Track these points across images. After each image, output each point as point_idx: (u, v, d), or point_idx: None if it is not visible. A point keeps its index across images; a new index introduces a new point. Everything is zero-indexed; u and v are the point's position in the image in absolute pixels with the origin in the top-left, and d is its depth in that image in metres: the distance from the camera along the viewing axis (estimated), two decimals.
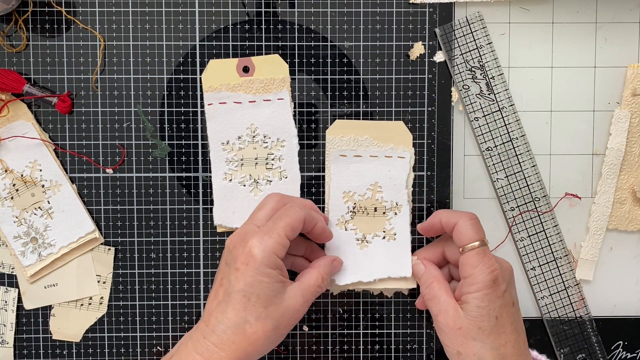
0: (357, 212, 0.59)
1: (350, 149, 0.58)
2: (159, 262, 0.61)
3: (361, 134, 0.59)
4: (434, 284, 0.54)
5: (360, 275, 0.58)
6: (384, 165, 0.59)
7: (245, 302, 0.48)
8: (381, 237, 0.59)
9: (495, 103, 0.61)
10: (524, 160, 0.61)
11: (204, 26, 0.60)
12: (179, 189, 0.61)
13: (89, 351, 0.62)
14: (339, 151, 0.58)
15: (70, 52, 0.60)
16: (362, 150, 0.58)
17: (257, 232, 0.50)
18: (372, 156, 0.58)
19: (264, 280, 0.48)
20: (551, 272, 0.61)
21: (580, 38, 0.61)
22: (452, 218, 0.53)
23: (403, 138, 0.59)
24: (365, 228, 0.59)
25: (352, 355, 0.62)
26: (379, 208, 0.59)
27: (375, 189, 0.59)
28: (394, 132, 0.59)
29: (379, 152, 0.58)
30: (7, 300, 0.61)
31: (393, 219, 0.59)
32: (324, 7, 0.60)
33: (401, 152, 0.59)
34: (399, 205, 0.59)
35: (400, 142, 0.59)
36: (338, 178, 0.59)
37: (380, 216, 0.59)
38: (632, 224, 0.62)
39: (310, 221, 0.53)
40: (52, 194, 0.60)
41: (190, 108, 0.60)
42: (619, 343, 0.63)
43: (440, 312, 0.52)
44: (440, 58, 0.60)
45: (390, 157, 0.59)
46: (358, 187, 0.59)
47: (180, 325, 0.62)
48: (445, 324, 0.52)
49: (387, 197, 0.59)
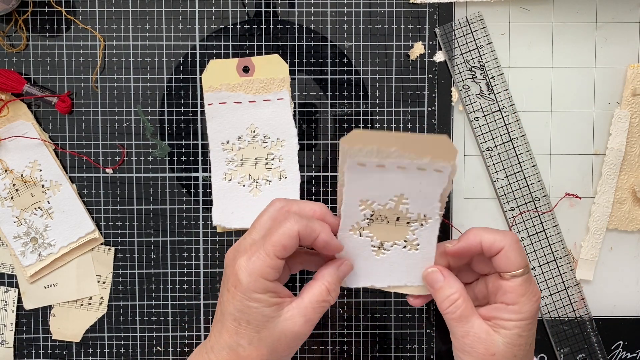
0: (374, 220, 0.49)
1: (371, 159, 0.46)
2: (158, 262, 0.61)
3: (387, 145, 0.45)
4: (459, 301, 0.48)
5: (374, 280, 0.51)
6: (413, 178, 0.47)
7: (236, 326, 0.46)
8: (401, 247, 0.50)
9: (495, 103, 0.61)
10: (524, 160, 0.61)
11: (204, 26, 0.60)
12: (179, 189, 0.61)
13: (89, 351, 0.61)
14: (357, 161, 0.46)
15: (70, 52, 0.60)
16: (388, 161, 0.46)
17: (247, 251, 0.46)
18: (399, 167, 0.46)
19: (252, 306, 0.45)
20: (551, 272, 0.61)
21: (580, 38, 0.61)
22: (496, 241, 0.47)
23: (445, 152, 0.45)
24: (383, 236, 0.50)
25: (352, 355, 0.62)
26: (402, 218, 0.49)
27: (399, 200, 0.48)
28: (434, 147, 0.45)
29: (410, 165, 0.46)
30: (7, 300, 0.61)
31: (418, 230, 0.49)
32: (324, 7, 0.60)
33: (439, 167, 0.46)
34: (427, 217, 0.49)
35: (441, 156, 0.45)
36: (354, 186, 0.48)
37: (403, 225, 0.49)
38: (632, 224, 0.62)
39: (309, 235, 0.46)
40: (52, 194, 0.60)
41: (190, 108, 0.60)
42: (619, 343, 0.63)
43: (469, 335, 0.48)
44: (440, 58, 0.60)
45: (424, 170, 0.46)
46: (379, 197, 0.48)
47: (180, 325, 0.62)
48: (475, 348, 0.47)
49: (413, 209, 0.48)
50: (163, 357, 0.62)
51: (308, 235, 0.46)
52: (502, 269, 0.48)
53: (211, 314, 0.62)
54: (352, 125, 0.61)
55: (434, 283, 0.49)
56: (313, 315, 0.47)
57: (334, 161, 0.61)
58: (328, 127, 0.61)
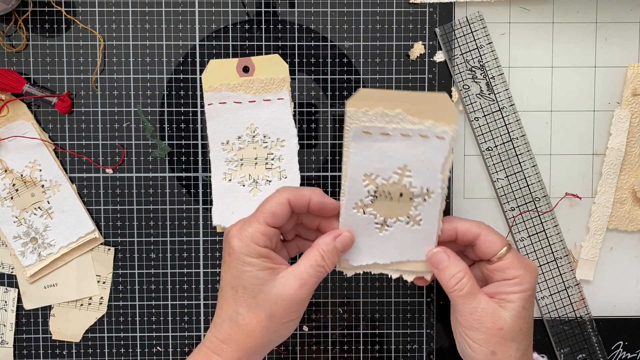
0: (378, 197, 0.50)
1: (376, 125, 0.47)
2: (158, 262, 0.61)
3: (392, 107, 0.47)
4: (465, 278, 0.49)
5: (377, 257, 0.51)
6: (416, 146, 0.48)
7: (234, 294, 0.47)
8: (404, 223, 0.50)
9: (495, 103, 0.60)
10: (524, 160, 0.61)
11: (204, 26, 0.60)
12: (179, 189, 0.61)
13: (88, 351, 0.61)
14: (362, 127, 0.47)
15: (70, 52, 0.60)
16: (391, 127, 0.47)
17: (238, 223, 0.48)
18: (403, 135, 0.47)
19: (246, 270, 0.47)
20: (551, 272, 0.61)
21: (580, 38, 0.61)
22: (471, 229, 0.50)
23: (447, 114, 0.47)
24: (386, 212, 0.50)
25: (352, 355, 0.62)
26: (406, 194, 0.49)
27: (403, 172, 0.49)
28: (435, 107, 0.47)
29: (413, 130, 0.47)
30: (7, 300, 0.61)
31: (421, 205, 0.50)
32: (324, 7, 0.60)
33: (441, 132, 0.47)
34: (429, 192, 0.49)
35: (442, 118, 0.47)
36: (359, 158, 0.48)
37: (406, 201, 0.50)
38: (633, 224, 0.62)
39: (300, 200, 0.48)
40: (51, 194, 0.60)
41: (190, 108, 0.60)
42: (619, 343, 0.63)
43: (477, 311, 0.49)
44: (440, 58, 0.60)
45: (426, 136, 0.47)
46: (382, 170, 0.49)
47: (180, 325, 0.62)
48: (483, 323, 0.48)
49: (416, 182, 0.49)
50: (163, 357, 0.62)
51: (299, 200, 0.48)
52: (488, 254, 0.49)
53: (211, 314, 0.62)
54: None
55: (438, 263, 0.50)
56: (308, 280, 0.47)
57: (334, 161, 0.61)
58: (328, 127, 0.61)
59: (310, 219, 0.51)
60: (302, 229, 0.52)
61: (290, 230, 0.52)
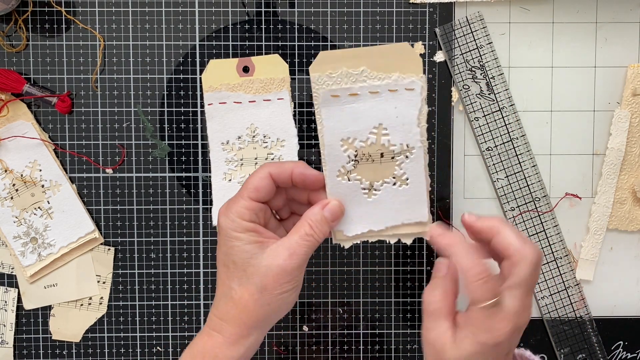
0: (360, 161, 0.49)
1: (343, 86, 0.47)
2: (158, 262, 0.61)
3: (355, 65, 0.47)
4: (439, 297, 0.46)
5: (371, 223, 0.50)
6: (387, 102, 0.47)
7: (226, 271, 0.48)
8: (391, 184, 0.49)
9: (495, 103, 0.60)
10: (524, 160, 0.61)
11: (204, 26, 0.60)
12: (179, 189, 0.61)
13: (88, 351, 0.61)
14: (329, 91, 0.47)
15: (70, 52, 0.60)
16: (358, 86, 0.47)
17: (226, 202, 0.49)
18: (371, 92, 0.47)
19: (235, 245, 0.47)
20: (551, 272, 0.61)
21: (580, 38, 0.61)
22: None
23: (411, 64, 0.46)
24: (371, 176, 0.49)
25: (352, 355, 0.62)
26: (387, 153, 0.48)
27: (379, 132, 0.48)
28: (398, 58, 0.47)
29: (380, 87, 0.47)
30: (7, 300, 0.61)
31: (404, 163, 0.49)
32: (324, 7, 0.60)
33: (409, 83, 0.46)
34: (410, 148, 0.48)
35: (408, 69, 0.46)
36: (332, 124, 0.48)
37: (388, 161, 0.49)
38: (632, 224, 0.62)
39: (282, 172, 0.48)
40: (51, 194, 0.60)
41: (190, 108, 0.60)
42: (619, 343, 0.63)
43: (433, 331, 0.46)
44: (440, 58, 0.60)
45: (395, 90, 0.47)
46: (358, 132, 0.48)
47: (180, 325, 0.62)
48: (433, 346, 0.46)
49: (394, 139, 0.48)
50: (163, 357, 0.62)
51: (281, 173, 0.48)
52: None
53: None
54: None
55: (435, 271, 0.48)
56: (298, 250, 0.47)
57: None
58: None
59: (299, 193, 0.51)
60: (295, 205, 0.52)
61: (283, 207, 0.52)
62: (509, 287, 0.44)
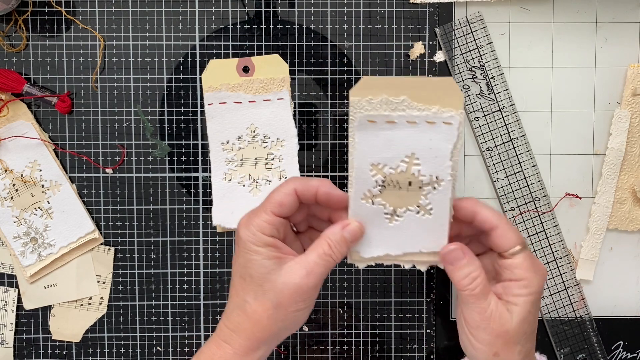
0: (386, 187, 0.49)
1: (382, 113, 0.47)
2: (158, 262, 0.61)
3: (396, 93, 0.46)
4: (480, 279, 0.48)
5: (388, 248, 0.50)
6: (423, 133, 0.47)
7: (242, 283, 0.48)
8: (414, 212, 0.49)
9: (495, 103, 0.60)
10: (524, 160, 0.61)
11: (204, 26, 0.60)
12: (179, 189, 0.61)
13: (88, 351, 0.61)
14: (367, 116, 0.47)
15: (70, 52, 0.60)
16: (397, 114, 0.47)
17: (248, 213, 0.48)
18: (409, 122, 0.47)
19: (254, 259, 0.47)
20: (551, 272, 0.61)
21: (580, 38, 0.61)
22: (491, 219, 0.49)
23: (452, 98, 0.46)
24: (396, 202, 0.49)
25: (352, 355, 0.62)
26: (415, 182, 0.48)
27: (411, 161, 0.48)
28: (441, 91, 0.47)
29: (419, 117, 0.47)
30: (7, 300, 0.61)
31: (431, 194, 0.48)
32: (324, 7, 0.60)
33: (448, 117, 0.46)
34: (439, 180, 0.48)
35: (448, 103, 0.46)
36: (365, 148, 0.48)
37: (415, 190, 0.49)
38: (632, 224, 0.62)
39: (307, 190, 0.48)
40: (51, 194, 0.60)
41: (190, 108, 0.60)
42: (619, 343, 0.63)
43: (486, 311, 0.48)
44: (440, 58, 0.60)
45: (433, 122, 0.47)
46: (389, 159, 0.48)
47: (180, 325, 0.62)
48: (491, 324, 0.48)
49: (425, 170, 0.48)
50: (163, 357, 0.62)
51: (306, 190, 0.48)
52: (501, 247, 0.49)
53: (211, 314, 0.62)
54: None
55: (454, 261, 0.49)
56: (315, 269, 0.47)
57: (334, 161, 0.61)
58: (328, 127, 0.60)
59: (320, 210, 0.51)
60: (314, 220, 0.52)
61: (302, 222, 0.52)
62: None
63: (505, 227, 0.49)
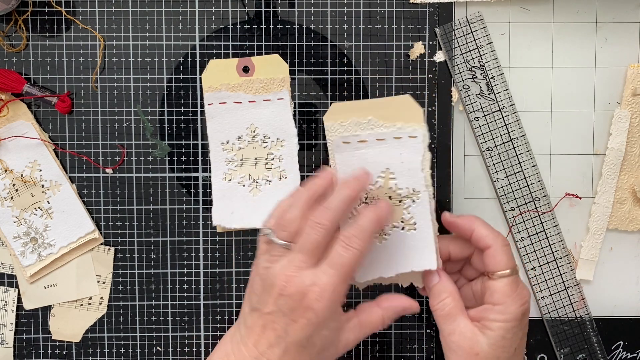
0: (369, 203, 0.52)
1: (353, 134, 0.52)
2: (159, 262, 0.61)
3: (363, 115, 0.52)
4: (448, 299, 0.50)
5: (381, 270, 0.52)
6: (393, 149, 0.51)
7: (300, 350, 0.45)
8: (400, 228, 0.52)
9: (495, 103, 0.61)
10: (524, 160, 0.61)
11: (204, 26, 0.60)
12: (179, 189, 0.61)
13: (88, 351, 0.61)
14: (341, 138, 0.52)
15: (70, 52, 0.60)
16: (366, 133, 0.51)
17: (314, 273, 0.45)
18: (378, 139, 0.51)
19: (325, 334, 0.45)
20: (551, 272, 0.61)
21: (580, 38, 0.61)
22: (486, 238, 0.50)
23: (412, 114, 0.51)
24: None
25: (352, 355, 0.62)
26: (394, 197, 0.52)
27: (387, 176, 0.52)
28: (400, 109, 0.51)
29: (386, 134, 0.51)
30: (7, 300, 0.61)
31: (411, 207, 0.52)
32: (324, 7, 0.60)
33: (412, 131, 0.51)
34: (416, 192, 0.51)
35: (410, 118, 0.51)
36: (344, 168, 0.52)
37: (396, 205, 0.52)
38: (633, 224, 0.62)
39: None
40: (51, 194, 0.60)
41: (190, 108, 0.60)
42: (619, 343, 0.63)
43: (455, 333, 0.49)
44: (440, 58, 0.60)
45: (400, 137, 0.51)
46: None
47: (180, 325, 0.62)
48: (460, 346, 0.49)
49: (401, 183, 0.51)
50: (163, 357, 0.62)
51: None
52: (489, 268, 0.50)
53: (211, 314, 0.62)
54: None
55: (428, 282, 0.52)
56: (362, 338, 0.49)
57: None
58: None
59: None
60: None
61: None
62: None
63: (498, 249, 0.50)
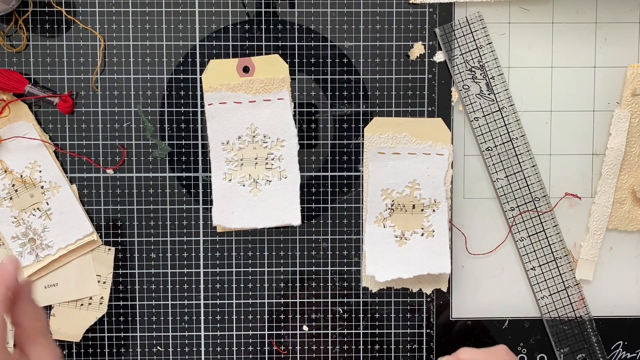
0: (395, 210, 0.59)
1: (389, 146, 0.59)
2: (159, 262, 0.61)
3: (399, 131, 0.59)
4: None
5: (400, 271, 0.59)
6: (422, 163, 0.59)
7: None
8: (419, 234, 0.59)
9: (495, 103, 0.61)
10: (524, 160, 0.61)
11: (204, 26, 0.60)
12: (179, 189, 0.61)
13: (89, 351, 0.61)
14: (377, 149, 0.59)
15: (70, 52, 0.60)
16: (400, 147, 0.59)
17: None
18: (410, 153, 0.59)
19: None
20: (551, 272, 0.62)
21: (580, 38, 0.61)
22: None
23: (441, 135, 0.59)
24: (403, 225, 0.60)
25: (352, 355, 0.62)
26: (417, 205, 0.59)
27: (413, 186, 0.59)
28: (432, 129, 0.59)
29: (417, 150, 0.59)
30: None
31: (431, 215, 0.59)
32: (324, 7, 0.60)
33: (440, 149, 0.59)
34: (437, 202, 0.59)
35: (439, 139, 0.59)
36: (376, 175, 0.59)
37: (418, 213, 0.59)
38: (632, 224, 0.62)
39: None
40: (51, 195, 0.60)
41: (190, 108, 0.60)
42: (619, 343, 0.63)
43: None
44: (440, 58, 0.61)
45: (429, 154, 0.59)
46: (396, 185, 0.59)
47: (180, 325, 0.62)
48: None
49: (425, 194, 0.59)
50: (163, 357, 0.62)
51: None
52: None
53: (211, 314, 0.61)
54: (352, 125, 0.61)
55: None
56: None
57: (334, 161, 0.61)
58: (328, 127, 0.61)
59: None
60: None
61: None
62: None
63: None
